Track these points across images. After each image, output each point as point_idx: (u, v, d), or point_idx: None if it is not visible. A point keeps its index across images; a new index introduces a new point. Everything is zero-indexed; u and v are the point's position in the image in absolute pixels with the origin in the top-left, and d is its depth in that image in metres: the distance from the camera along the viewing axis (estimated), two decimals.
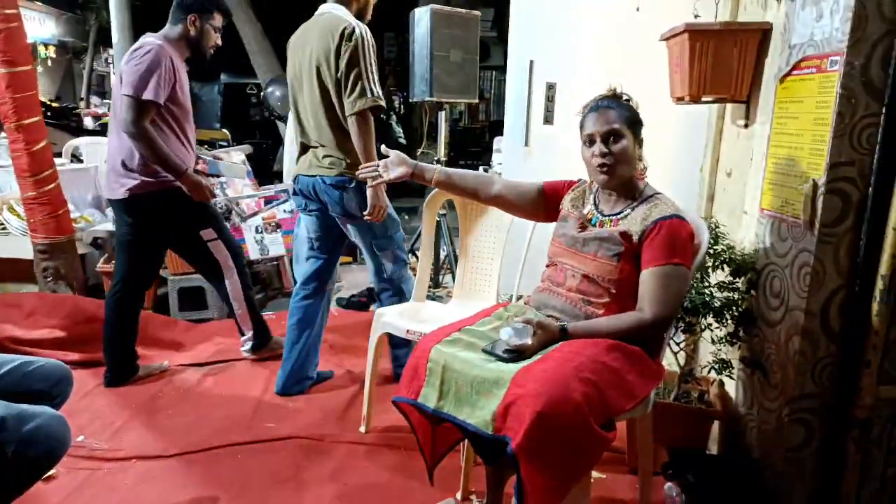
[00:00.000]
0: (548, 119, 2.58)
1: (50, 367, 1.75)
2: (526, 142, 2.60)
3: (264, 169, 4.93)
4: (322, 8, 2.52)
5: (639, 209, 1.66)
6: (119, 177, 2.65)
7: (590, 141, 1.68)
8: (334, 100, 2.41)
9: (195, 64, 2.88)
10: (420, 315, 2.39)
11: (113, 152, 2.69)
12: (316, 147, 2.54)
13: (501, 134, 4.68)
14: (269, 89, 5.53)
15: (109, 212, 3.98)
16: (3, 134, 4.26)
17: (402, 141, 10.25)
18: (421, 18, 3.77)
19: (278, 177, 5.59)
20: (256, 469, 2.15)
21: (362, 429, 2.38)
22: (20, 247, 3.53)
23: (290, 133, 5.05)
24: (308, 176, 2.57)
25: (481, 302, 2.47)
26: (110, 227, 3.76)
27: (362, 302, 3.85)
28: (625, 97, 1.73)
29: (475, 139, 10.69)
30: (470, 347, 1.59)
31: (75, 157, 4.96)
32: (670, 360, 2.04)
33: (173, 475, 2.12)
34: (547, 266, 1.83)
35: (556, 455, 1.33)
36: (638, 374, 1.52)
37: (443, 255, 4.24)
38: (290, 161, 4.98)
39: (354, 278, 4.64)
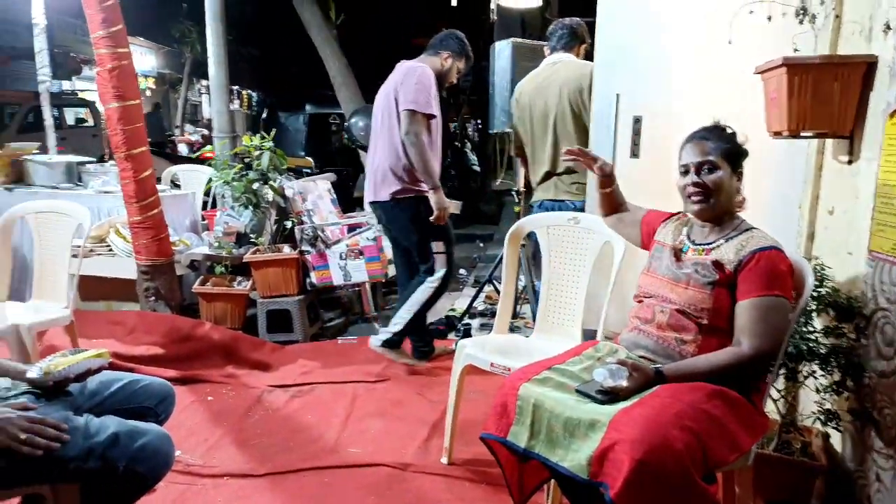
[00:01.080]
0: (634, 153, 2.57)
1: (156, 386, 1.85)
2: None
3: (345, 196, 5.09)
4: (553, 58, 3.19)
5: (733, 240, 1.65)
6: (385, 182, 3.12)
7: (685, 171, 1.71)
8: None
9: (284, 94, 3.17)
10: (502, 348, 2.39)
11: (379, 161, 3.16)
12: (562, 175, 3.07)
13: None
14: (353, 119, 5.73)
15: (205, 235, 4.22)
16: (112, 162, 4.60)
17: (476, 168, 10.35)
18: (502, 51, 3.83)
19: (359, 204, 5.75)
20: (342, 493, 2.20)
21: (444, 459, 2.39)
22: (124, 267, 3.77)
23: (370, 162, 5.22)
24: (554, 200, 3.11)
25: (563, 336, 2.45)
26: (206, 250, 3.98)
27: (440, 330, 3.89)
28: (728, 129, 1.73)
29: None
30: (560, 387, 1.58)
31: (174, 184, 5.29)
32: (770, 409, 1.94)
33: (263, 494, 2.19)
34: (636, 300, 1.81)
35: None
36: (741, 424, 1.47)
37: (520, 285, 4.23)
38: (370, 189, 5.14)
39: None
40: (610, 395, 1.50)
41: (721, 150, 1.66)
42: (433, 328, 4.01)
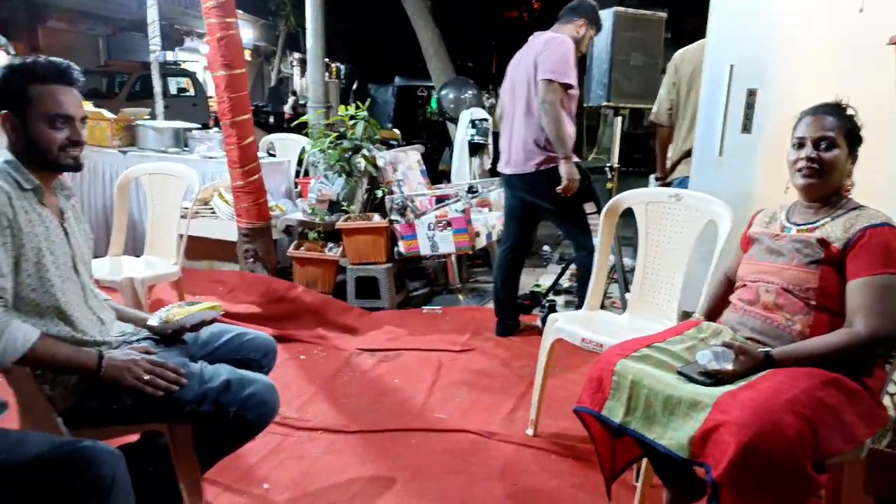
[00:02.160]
0: (746, 127, 2.42)
1: (261, 339, 1.94)
2: (720, 151, 2.46)
3: (431, 169, 5.14)
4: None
5: (840, 218, 1.57)
6: (528, 154, 3.11)
7: (799, 144, 1.62)
8: None
9: (373, 66, 3.21)
10: (593, 324, 2.36)
11: (519, 134, 3.14)
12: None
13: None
14: (443, 91, 5.73)
15: (299, 202, 4.37)
16: (216, 129, 4.83)
17: None
18: (602, 21, 3.71)
19: (445, 176, 5.78)
20: (429, 456, 2.25)
21: (529, 431, 2.40)
22: (226, 230, 3.98)
23: (460, 134, 5.23)
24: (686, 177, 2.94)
25: (657, 315, 2.38)
26: (300, 216, 4.12)
27: (525, 305, 3.87)
28: (849, 110, 1.62)
29: (639, 145, 10.29)
30: (660, 365, 1.54)
31: (268, 153, 5.49)
32: (885, 403, 1.83)
33: (355, 450, 2.28)
34: (736, 288, 1.75)
35: (761, 491, 1.25)
36: (857, 415, 1.39)
37: (609, 264, 4.14)
38: (458, 162, 5.16)
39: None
40: (714, 378, 1.45)
41: (842, 128, 1.58)
42: (518, 303, 4.00)
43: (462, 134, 5.12)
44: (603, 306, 3.75)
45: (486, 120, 5.06)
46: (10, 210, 1.47)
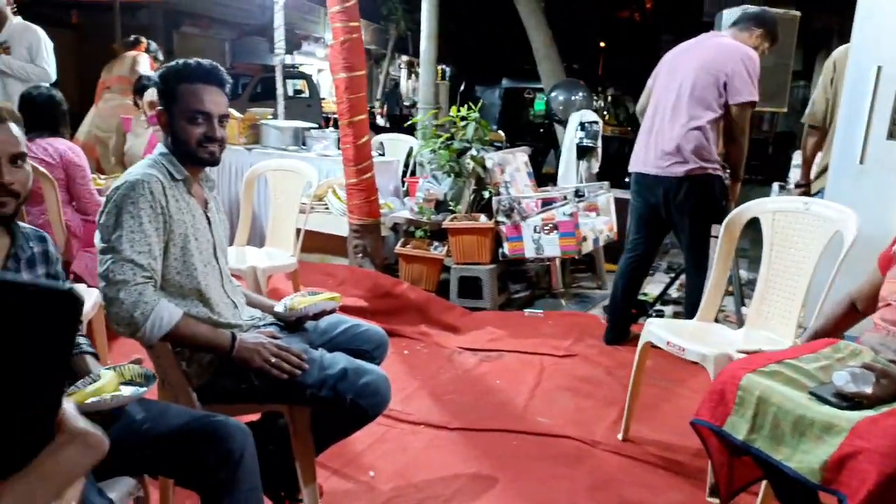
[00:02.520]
0: (892, 134, 2.24)
1: (374, 332, 2.01)
2: (861, 159, 2.29)
3: (535, 170, 5.10)
4: None
5: None
6: (679, 158, 2.95)
7: None
8: None
9: (479, 68, 3.21)
10: (695, 333, 2.27)
11: (676, 135, 2.95)
12: None
13: (791, 146, 4.14)
14: (553, 93, 5.68)
15: (407, 201, 4.48)
16: (331, 129, 5.04)
17: None
18: (729, 20, 3.54)
19: (550, 179, 5.73)
20: (531, 459, 2.25)
21: (619, 436, 2.36)
22: (338, 225, 4.14)
23: (568, 136, 5.16)
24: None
25: (774, 332, 2.24)
26: (408, 214, 4.22)
27: (633, 314, 3.77)
28: None
29: (757, 151, 9.74)
30: (791, 383, 1.45)
31: (378, 153, 5.66)
32: None
33: (457, 446, 2.32)
34: (881, 305, 1.61)
35: None
36: None
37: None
38: (566, 165, 5.10)
39: None
40: (851, 402, 1.35)
41: None
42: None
43: (571, 136, 5.05)
44: (717, 320, 3.59)
45: (595, 123, 4.96)
46: (164, 198, 1.61)
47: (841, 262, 1.93)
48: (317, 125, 5.70)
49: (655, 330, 2.26)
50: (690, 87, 2.91)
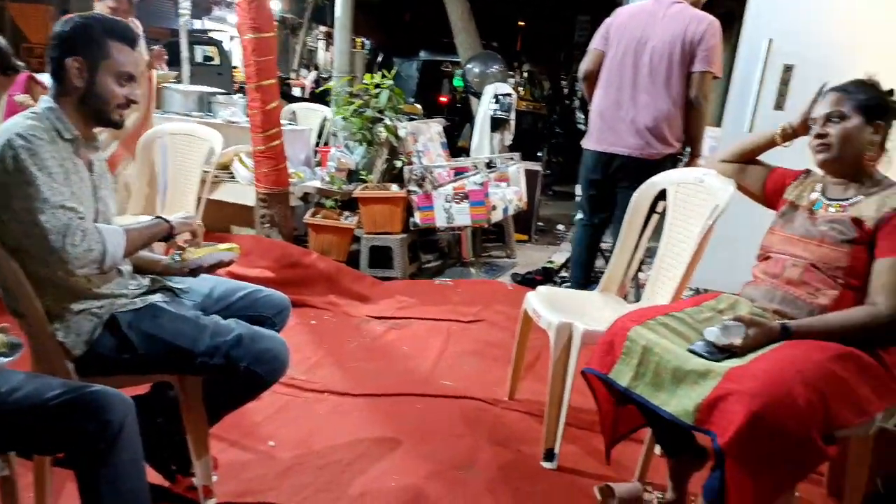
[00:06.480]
0: (779, 105, 2.36)
1: (275, 297, 1.94)
2: (750, 128, 2.40)
3: (450, 143, 5.12)
4: None
5: (874, 196, 1.54)
6: (646, 135, 2.82)
7: (814, 122, 1.63)
8: None
9: (398, 42, 3.09)
10: (571, 304, 2.27)
11: (644, 112, 2.81)
12: None
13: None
14: (469, 66, 5.68)
15: (318, 170, 4.38)
16: (239, 95, 4.84)
17: (582, 128, 10.05)
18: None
19: (465, 152, 5.75)
20: (435, 421, 2.27)
21: (506, 396, 2.44)
22: (244, 194, 4.00)
23: (482, 108, 5.18)
24: None
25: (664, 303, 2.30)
26: (318, 184, 4.13)
27: (537, 280, 3.87)
28: (874, 83, 1.61)
29: None
30: (676, 335, 1.53)
31: (290, 122, 5.49)
32: None
33: (361, 412, 2.31)
34: (759, 260, 1.73)
35: (768, 460, 1.24)
36: (870, 389, 1.37)
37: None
38: (479, 136, 5.12)
39: (530, 256, 4.68)
40: (724, 353, 1.44)
41: (856, 101, 1.56)
42: (530, 277, 4.00)
43: (485, 109, 5.07)
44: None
45: (509, 95, 5.01)
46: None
47: (709, 228, 1.97)
48: (224, 91, 5.44)
49: (531, 298, 2.27)
50: (668, 60, 2.77)
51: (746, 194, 1.90)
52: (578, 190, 3.40)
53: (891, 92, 1.60)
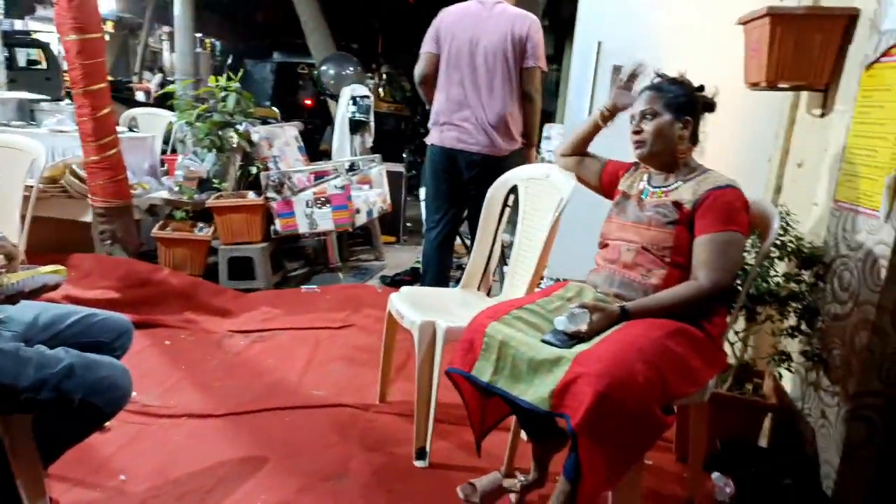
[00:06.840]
0: None
1: (114, 321, 1.79)
2: None
3: (312, 148, 4.99)
4: None
5: (690, 182, 1.69)
6: (499, 134, 2.89)
7: (632, 119, 1.77)
8: None
9: (251, 43, 2.97)
10: (434, 303, 2.29)
11: (492, 112, 2.88)
12: None
13: (550, 121, 4.58)
14: (323, 67, 5.56)
15: (165, 180, 4.08)
16: (68, 101, 4.40)
17: None
18: None
19: (327, 155, 5.64)
20: (305, 432, 2.19)
21: (377, 400, 2.43)
22: (80, 210, 3.63)
23: (341, 111, 5.10)
24: None
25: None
26: (166, 194, 3.85)
27: (406, 281, 3.87)
28: (683, 81, 1.77)
29: None
30: (529, 326, 1.58)
31: (132, 129, 5.08)
32: (728, 351, 1.99)
33: (223, 433, 2.17)
34: (601, 246, 1.84)
35: (616, 436, 1.32)
36: (701, 360, 1.50)
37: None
38: (339, 139, 5.04)
39: (398, 258, 4.68)
40: (573, 340, 1.50)
41: (664, 98, 1.71)
42: (399, 279, 4.00)
43: (343, 111, 4.99)
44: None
45: (367, 97, 4.97)
46: None
47: (556, 220, 2.09)
48: (50, 98, 4.93)
49: (394, 298, 2.26)
50: (502, 58, 2.86)
51: (587, 186, 2.02)
52: (423, 194, 3.34)
53: (701, 87, 1.75)
